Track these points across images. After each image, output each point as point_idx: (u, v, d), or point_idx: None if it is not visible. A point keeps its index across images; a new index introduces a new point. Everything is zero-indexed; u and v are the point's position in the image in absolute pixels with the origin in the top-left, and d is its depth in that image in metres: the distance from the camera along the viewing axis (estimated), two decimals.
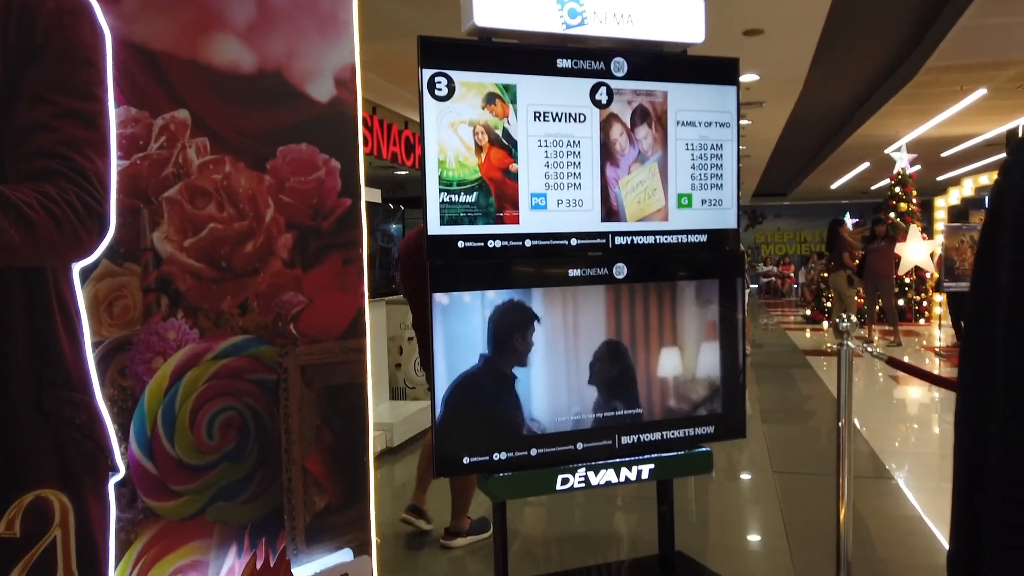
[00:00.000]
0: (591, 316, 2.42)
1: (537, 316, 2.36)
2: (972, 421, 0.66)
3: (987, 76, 8.02)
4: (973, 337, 0.66)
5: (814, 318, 12.28)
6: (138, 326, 1.48)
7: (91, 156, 1.37)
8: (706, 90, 2.50)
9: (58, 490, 1.34)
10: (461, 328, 2.27)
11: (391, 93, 6.88)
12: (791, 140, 12.11)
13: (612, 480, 2.44)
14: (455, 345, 2.26)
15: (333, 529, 1.82)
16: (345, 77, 1.82)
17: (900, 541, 3.26)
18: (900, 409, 6.47)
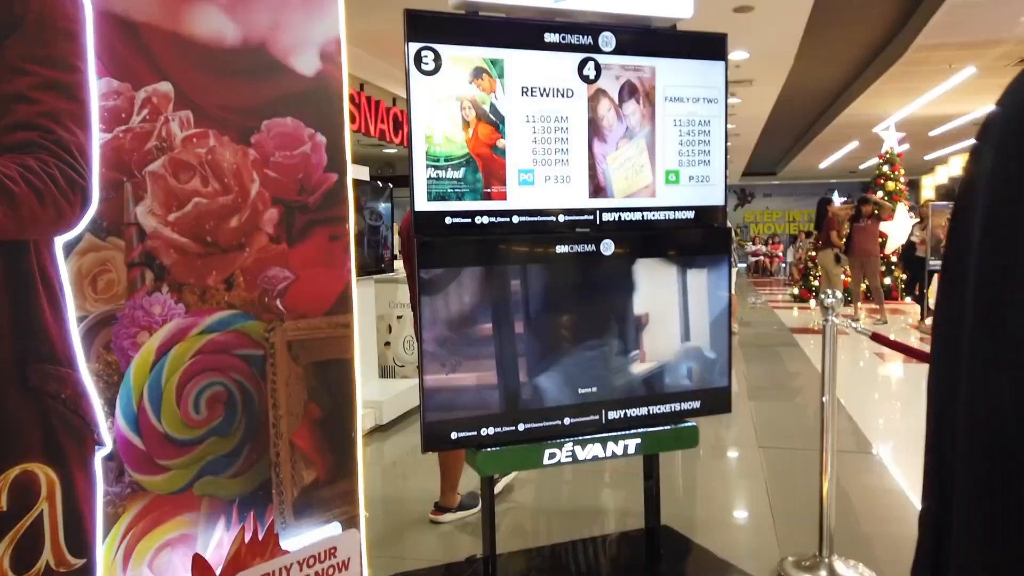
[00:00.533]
0: (578, 292, 2.43)
1: (525, 292, 2.36)
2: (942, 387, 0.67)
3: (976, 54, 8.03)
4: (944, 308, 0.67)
5: (802, 297, 12.35)
6: (123, 301, 1.47)
7: (73, 129, 1.36)
8: (694, 66, 2.50)
9: (44, 464, 1.34)
10: (448, 304, 2.27)
11: (379, 69, 6.82)
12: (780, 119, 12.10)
13: (599, 455, 2.47)
14: (442, 321, 2.26)
15: (321, 503, 1.83)
16: (331, 51, 1.81)
17: (882, 514, 3.31)
18: (885, 385, 6.55)
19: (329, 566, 1.72)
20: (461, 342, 2.29)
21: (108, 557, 1.46)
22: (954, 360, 0.62)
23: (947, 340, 0.65)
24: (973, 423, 0.60)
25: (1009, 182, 0.56)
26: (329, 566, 1.72)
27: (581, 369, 2.44)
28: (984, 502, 0.59)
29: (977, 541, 0.60)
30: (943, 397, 0.66)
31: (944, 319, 0.66)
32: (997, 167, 0.58)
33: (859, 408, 5.21)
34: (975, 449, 0.59)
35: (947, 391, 0.64)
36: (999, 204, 0.58)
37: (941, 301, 0.67)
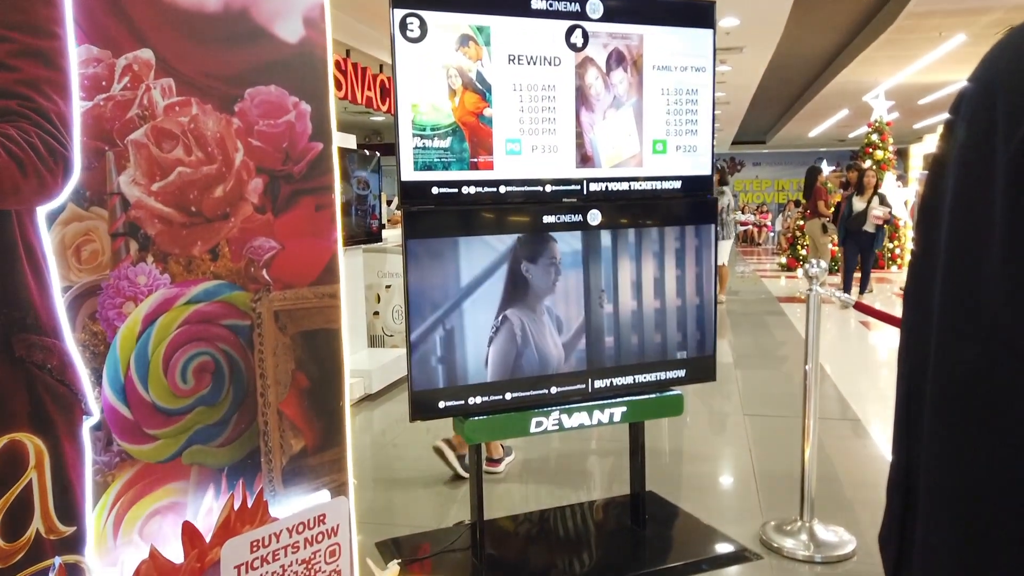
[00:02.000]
0: (565, 262, 2.44)
1: (511, 262, 2.37)
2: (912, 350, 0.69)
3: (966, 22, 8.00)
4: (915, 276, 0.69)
5: (789, 266, 12.42)
6: (107, 271, 1.47)
7: (53, 97, 1.34)
8: (683, 34, 2.48)
9: (32, 434, 1.34)
10: (436, 274, 2.27)
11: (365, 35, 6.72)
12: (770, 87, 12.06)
13: (585, 423, 2.50)
14: (430, 291, 2.27)
15: (310, 471, 1.85)
16: (314, 16, 1.78)
17: (863, 480, 3.38)
18: (869, 354, 6.63)
19: (318, 532, 1.75)
20: (448, 312, 2.30)
21: (98, 525, 1.47)
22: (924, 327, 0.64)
23: (918, 307, 0.66)
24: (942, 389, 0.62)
25: (980, 155, 0.57)
26: (318, 532, 1.75)
27: (567, 338, 2.46)
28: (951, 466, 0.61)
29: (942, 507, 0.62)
30: (912, 364, 0.68)
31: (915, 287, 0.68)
32: (968, 141, 0.59)
33: (843, 376, 5.28)
34: (943, 414, 0.61)
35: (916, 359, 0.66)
36: (969, 177, 0.59)
37: (913, 269, 0.69)
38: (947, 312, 0.61)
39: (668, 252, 2.57)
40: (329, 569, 1.76)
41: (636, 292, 2.54)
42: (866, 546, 2.63)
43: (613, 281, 2.51)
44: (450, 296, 2.30)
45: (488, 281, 2.34)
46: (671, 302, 2.59)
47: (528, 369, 2.41)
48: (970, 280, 0.58)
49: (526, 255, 2.39)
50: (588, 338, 2.48)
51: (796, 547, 2.63)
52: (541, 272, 2.41)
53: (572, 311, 2.45)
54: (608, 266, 2.49)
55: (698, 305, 2.63)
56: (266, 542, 1.64)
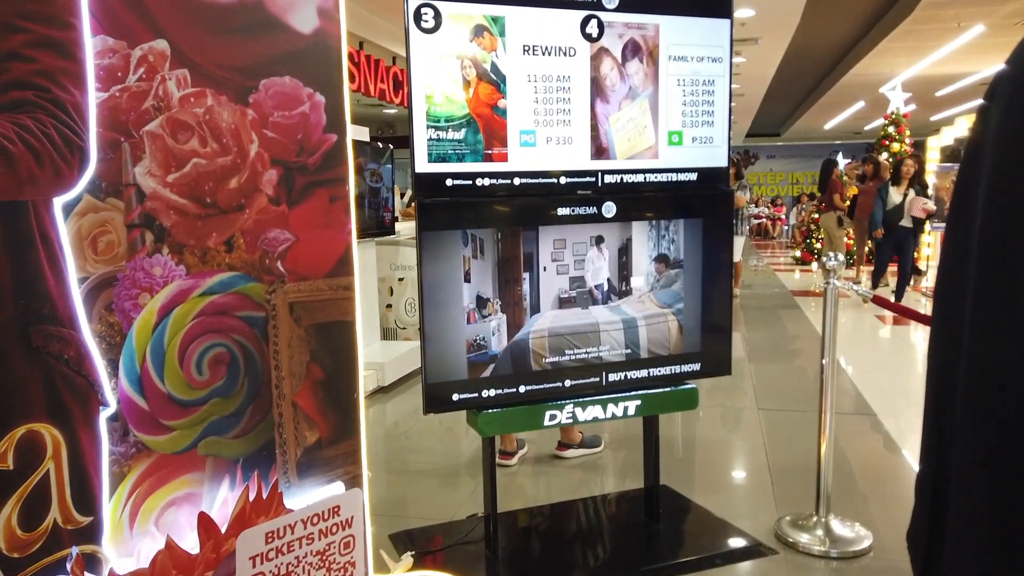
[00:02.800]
0: (579, 254, 2.42)
1: (526, 255, 2.36)
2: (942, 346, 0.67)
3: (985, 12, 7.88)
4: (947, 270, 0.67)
5: (804, 259, 12.33)
6: (123, 262, 1.47)
7: (69, 87, 1.34)
8: (699, 23, 2.46)
9: (49, 424, 1.35)
10: (450, 266, 2.27)
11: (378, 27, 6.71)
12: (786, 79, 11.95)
13: (599, 416, 2.49)
14: (444, 283, 2.26)
15: (324, 463, 1.85)
16: (328, 7, 1.77)
17: (879, 475, 3.35)
18: (885, 348, 6.57)
19: (332, 524, 1.75)
20: (463, 304, 2.29)
21: (115, 515, 1.48)
22: (956, 323, 0.62)
23: (949, 303, 0.64)
24: (974, 387, 0.60)
25: (1017, 140, 0.55)
26: (332, 524, 1.75)
27: (582, 331, 2.45)
28: (983, 466, 0.59)
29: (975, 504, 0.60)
30: (943, 361, 0.66)
31: (946, 281, 0.66)
32: (1005, 126, 0.57)
33: (858, 370, 5.24)
34: (975, 414, 0.59)
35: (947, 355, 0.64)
36: (1006, 163, 0.57)
37: (944, 263, 0.67)
38: (981, 307, 0.59)
39: (682, 244, 2.55)
40: (343, 561, 1.77)
41: (650, 284, 2.52)
42: (883, 542, 2.61)
43: (627, 273, 2.49)
44: (464, 288, 2.29)
45: (502, 274, 2.33)
46: (686, 295, 2.57)
47: (542, 362, 2.40)
48: (1007, 273, 0.56)
49: (540, 248, 2.37)
50: (602, 330, 2.47)
51: (812, 542, 2.61)
52: (554, 265, 2.40)
53: (586, 303, 2.44)
54: (622, 258, 2.48)
55: (713, 298, 2.61)
56: (281, 533, 1.64)
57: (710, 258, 2.59)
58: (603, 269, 2.45)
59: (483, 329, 2.32)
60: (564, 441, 3.53)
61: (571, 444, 3.52)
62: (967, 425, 0.61)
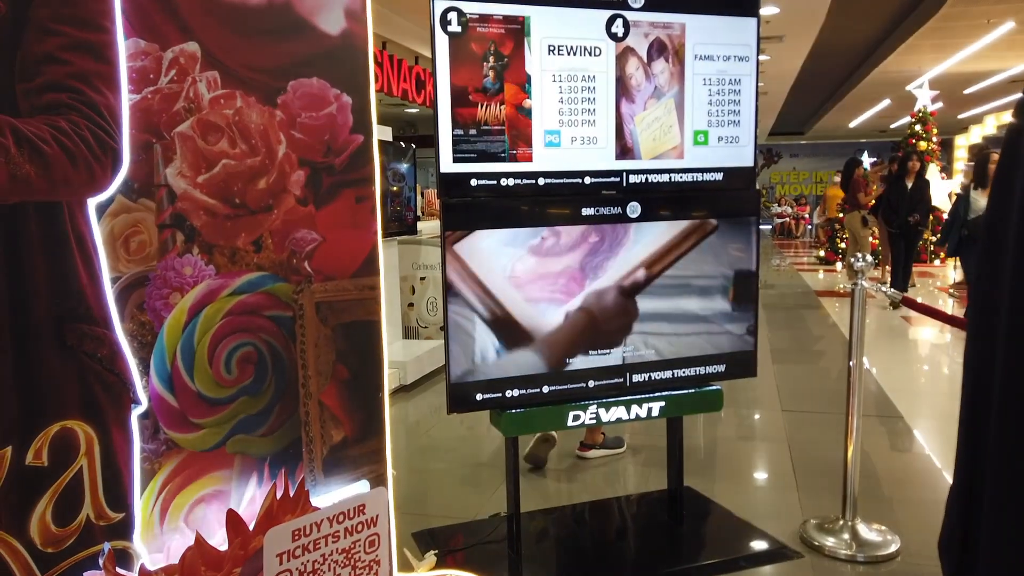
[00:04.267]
0: (604, 255, 2.41)
1: (550, 255, 2.35)
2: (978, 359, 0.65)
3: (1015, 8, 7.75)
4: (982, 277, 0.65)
5: (828, 259, 12.20)
6: (155, 262, 1.49)
7: (102, 90, 1.36)
8: (725, 22, 2.44)
9: (83, 421, 1.37)
10: (473, 267, 2.27)
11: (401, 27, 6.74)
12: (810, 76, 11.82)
13: (623, 417, 2.48)
14: (468, 283, 2.27)
15: (350, 461, 1.86)
16: (356, 8, 1.78)
17: (907, 479, 3.31)
18: (911, 349, 6.48)
19: (358, 523, 1.76)
20: (486, 305, 2.29)
21: (146, 511, 1.50)
22: (990, 335, 0.61)
23: (983, 315, 0.63)
24: (1009, 399, 0.58)
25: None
26: (358, 523, 1.76)
27: (605, 332, 2.44)
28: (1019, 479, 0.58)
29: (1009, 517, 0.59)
30: (978, 372, 0.65)
31: (981, 293, 0.64)
32: None
33: (885, 372, 5.17)
34: (1010, 426, 0.58)
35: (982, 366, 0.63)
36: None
37: (980, 269, 0.65)
38: (1017, 313, 0.58)
39: (708, 245, 2.53)
40: (368, 559, 1.78)
41: (674, 285, 2.51)
42: (910, 546, 2.58)
43: (651, 274, 2.48)
44: (487, 289, 2.29)
45: (526, 274, 2.33)
46: (710, 295, 2.55)
47: (565, 362, 2.39)
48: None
49: (564, 248, 2.37)
50: (626, 331, 2.46)
51: (838, 546, 2.58)
52: (578, 265, 2.39)
53: (610, 304, 2.43)
54: (647, 259, 2.46)
55: (738, 298, 2.59)
56: (307, 531, 1.66)
57: (735, 258, 2.57)
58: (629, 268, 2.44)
59: (506, 329, 2.32)
60: (586, 442, 3.52)
61: (593, 444, 3.51)
62: (1002, 438, 0.60)
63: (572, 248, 2.37)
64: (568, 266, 2.37)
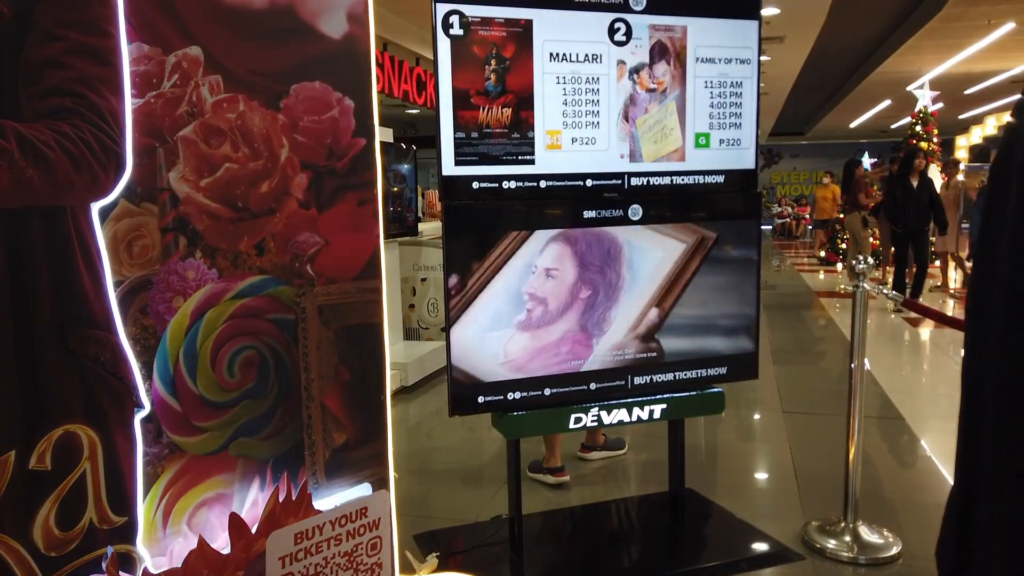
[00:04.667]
0: (606, 258, 2.41)
1: (553, 258, 2.35)
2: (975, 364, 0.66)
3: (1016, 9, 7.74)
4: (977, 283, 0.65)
5: (828, 260, 12.20)
6: (157, 265, 1.49)
7: (105, 94, 1.36)
8: (726, 25, 2.44)
9: (86, 425, 1.37)
10: (475, 268, 2.27)
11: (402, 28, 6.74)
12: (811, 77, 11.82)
13: (624, 420, 2.48)
14: (470, 286, 2.27)
15: (352, 464, 1.86)
16: (358, 12, 1.78)
17: (908, 480, 3.31)
18: (912, 350, 6.48)
19: (360, 525, 1.76)
20: (488, 307, 2.29)
21: (148, 515, 1.50)
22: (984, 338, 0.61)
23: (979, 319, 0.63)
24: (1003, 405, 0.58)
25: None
26: (360, 525, 1.76)
27: (607, 334, 2.44)
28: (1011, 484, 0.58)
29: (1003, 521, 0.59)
30: (975, 377, 0.65)
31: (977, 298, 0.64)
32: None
33: (886, 373, 5.17)
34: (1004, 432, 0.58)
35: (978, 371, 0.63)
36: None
37: (975, 275, 0.65)
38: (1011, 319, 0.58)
39: (710, 247, 2.53)
40: (371, 562, 1.78)
41: (676, 287, 2.51)
42: (912, 548, 2.58)
43: (654, 276, 2.48)
44: (490, 291, 2.29)
45: (528, 277, 2.33)
46: (712, 297, 2.55)
47: (567, 364, 2.39)
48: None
49: (567, 250, 2.37)
50: (628, 333, 2.46)
51: (839, 548, 2.58)
52: (581, 268, 2.39)
53: (612, 306, 2.43)
54: (649, 261, 2.46)
55: (740, 300, 2.59)
56: (310, 534, 1.66)
57: (737, 260, 2.57)
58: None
59: (508, 331, 2.32)
60: (588, 443, 3.52)
61: (595, 446, 3.51)
62: (995, 443, 0.60)
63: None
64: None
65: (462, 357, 2.27)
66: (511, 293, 2.31)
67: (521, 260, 2.31)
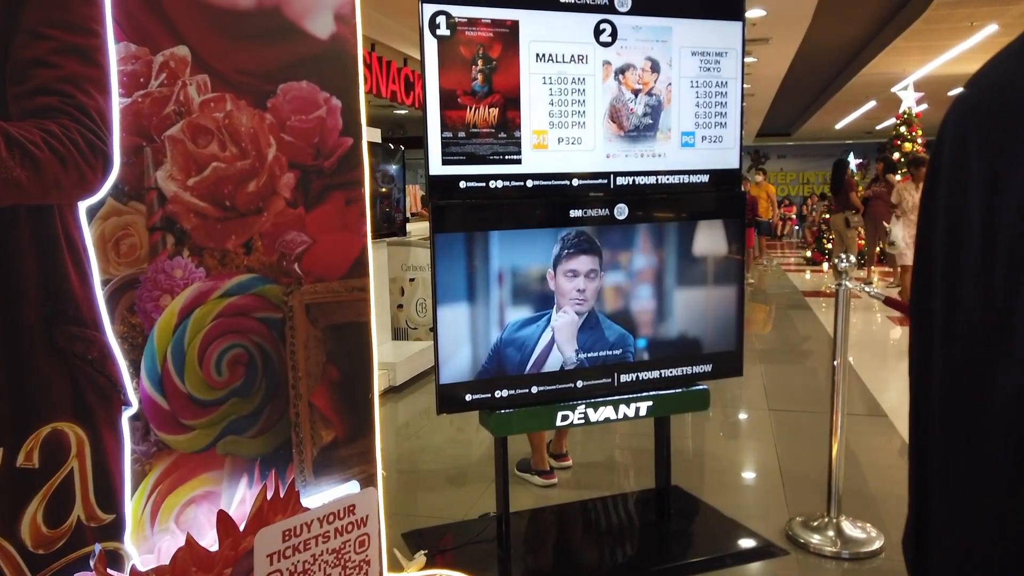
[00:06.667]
0: (592, 257, 2.44)
1: (539, 256, 2.37)
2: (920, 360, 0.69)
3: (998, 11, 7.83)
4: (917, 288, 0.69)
5: (814, 260, 12.29)
6: (145, 264, 1.50)
7: (92, 93, 1.36)
8: (711, 25, 2.47)
9: (73, 423, 1.37)
10: (463, 267, 2.29)
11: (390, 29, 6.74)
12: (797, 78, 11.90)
13: (611, 417, 2.50)
14: (457, 285, 2.28)
15: (340, 462, 1.87)
16: (345, 12, 1.79)
17: (891, 476, 3.35)
18: (896, 349, 6.55)
19: (348, 523, 1.77)
20: (475, 306, 2.31)
21: (136, 512, 1.51)
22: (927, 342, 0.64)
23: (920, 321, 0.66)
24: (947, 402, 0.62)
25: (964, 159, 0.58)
26: (348, 523, 1.77)
27: (593, 332, 2.46)
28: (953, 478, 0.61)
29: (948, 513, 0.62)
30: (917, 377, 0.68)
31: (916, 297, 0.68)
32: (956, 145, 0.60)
33: (870, 371, 5.22)
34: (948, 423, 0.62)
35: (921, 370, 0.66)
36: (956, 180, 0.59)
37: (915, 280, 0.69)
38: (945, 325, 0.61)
39: (695, 246, 2.56)
40: (359, 559, 1.79)
41: (662, 286, 2.53)
42: (894, 543, 2.61)
43: (639, 275, 2.50)
44: (477, 290, 2.31)
45: (515, 275, 2.35)
46: (698, 296, 2.58)
47: (554, 363, 2.41)
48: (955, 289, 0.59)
49: (553, 249, 2.39)
50: (614, 332, 2.48)
51: (823, 543, 2.62)
52: (568, 266, 2.41)
53: (598, 305, 2.45)
54: (634, 260, 2.49)
55: (725, 299, 2.62)
56: (298, 532, 1.67)
57: (722, 259, 2.60)
58: (614, 269, 2.46)
59: (495, 330, 2.34)
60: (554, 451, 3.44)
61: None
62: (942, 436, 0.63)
63: (561, 249, 2.39)
64: (558, 267, 2.39)
65: (450, 356, 2.29)
66: (499, 292, 2.32)
67: (509, 259, 2.33)
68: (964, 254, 0.58)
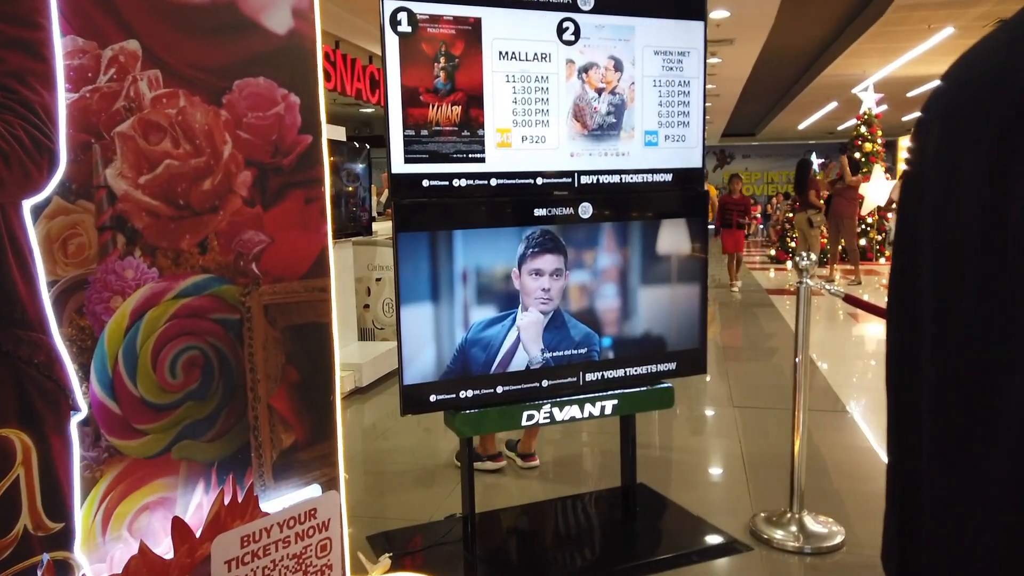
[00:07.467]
0: (556, 255, 2.43)
1: (503, 255, 2.36)
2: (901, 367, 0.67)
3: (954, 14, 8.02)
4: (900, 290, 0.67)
5: (779, 258, 12.46)
6: (94, 265, 1.45)
7: (38, 89, 1.32)
8: (674, 25, 2.48)
9: (19, 430, 1.33)
10: (426, 267, 2.26)
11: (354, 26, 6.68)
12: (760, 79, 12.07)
13: (576, 416, 2.50)
14: (421, 284, 2.26)
15: (301, 466, 1.84)
16: (303, 8, 1.76)
17: (853, 471, 3.40)
18: (858, 345, 6.66)
19: (309, 527, 1.74)
20: (439, 306, 2.29)
21: (87, 521, 1.46)
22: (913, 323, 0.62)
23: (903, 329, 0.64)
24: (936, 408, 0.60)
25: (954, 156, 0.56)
26: (309, 527, 1.74)
27: (558, 331, 2.45)
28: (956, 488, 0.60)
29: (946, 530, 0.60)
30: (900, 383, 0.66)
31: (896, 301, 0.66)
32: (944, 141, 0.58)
33: (832, 368, 5.30)
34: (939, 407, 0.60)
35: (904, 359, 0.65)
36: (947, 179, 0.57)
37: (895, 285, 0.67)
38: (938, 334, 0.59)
39: (659, 244, 2.57)
40: (320, 563, 1.76)
41: (626, 284, 2.54)
42: (856, 537, 2.65)
43: (604, 274, 2.50)
44: (441, 289, 2.29)
45: (479, 275, 2.33)
46: (662, 295, 2.59)
47: (519, 362, 2.40)
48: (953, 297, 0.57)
49: (517, 248, 2.38)
50: (578, 331, 2.48)
51: (786, 538, 2.64)
52: (532, 265, 2.40)
53: (563, 304, 2.45)
54: (599, 259, 2.49)
55: (688, 297, 2.63)
56: (257, 537, 1.63)
57: (685, 258, 2.61)
58: (578, 267, 2.46)
59: (460, 330, 2.32)
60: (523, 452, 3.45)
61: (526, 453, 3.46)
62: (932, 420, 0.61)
63: (525, 248, 2.38)
64: (522, 266, 2.38)
65: (414, 356, 2.27)
66: (463, 292, 2.31)
67: (473, 258, 2.31)
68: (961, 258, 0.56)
